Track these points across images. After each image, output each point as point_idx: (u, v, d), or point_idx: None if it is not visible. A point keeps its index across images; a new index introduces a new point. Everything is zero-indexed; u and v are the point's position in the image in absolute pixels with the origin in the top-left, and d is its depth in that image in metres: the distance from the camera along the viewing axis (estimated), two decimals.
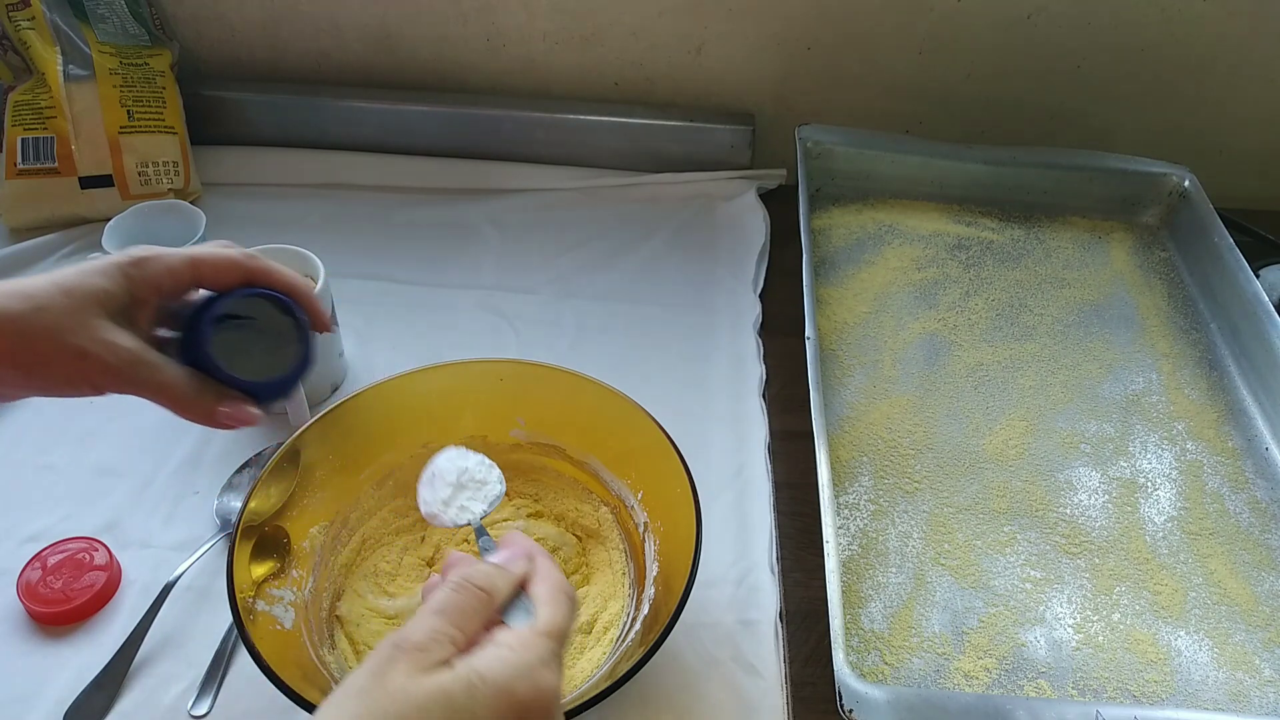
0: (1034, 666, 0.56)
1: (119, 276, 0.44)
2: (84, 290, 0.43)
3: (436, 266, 0.83)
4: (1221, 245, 0.79)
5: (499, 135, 0.93)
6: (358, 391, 0.59)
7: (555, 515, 0.62)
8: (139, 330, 0.45)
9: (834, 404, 0.70)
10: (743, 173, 0.92)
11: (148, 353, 0.44)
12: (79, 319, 0.42)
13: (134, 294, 0.44)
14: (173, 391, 0.44)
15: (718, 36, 0.89)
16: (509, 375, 0.62)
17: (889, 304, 0.79)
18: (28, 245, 0.81)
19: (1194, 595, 0.60)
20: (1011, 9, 0.85)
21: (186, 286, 0.47)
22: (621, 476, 0.60)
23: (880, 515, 0.63)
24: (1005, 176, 0.87)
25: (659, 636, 0.48)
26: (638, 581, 0.57)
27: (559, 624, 0.39)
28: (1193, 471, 0.68)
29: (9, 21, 0.81)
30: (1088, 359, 0.75)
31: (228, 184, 0.89)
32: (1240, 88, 0.89)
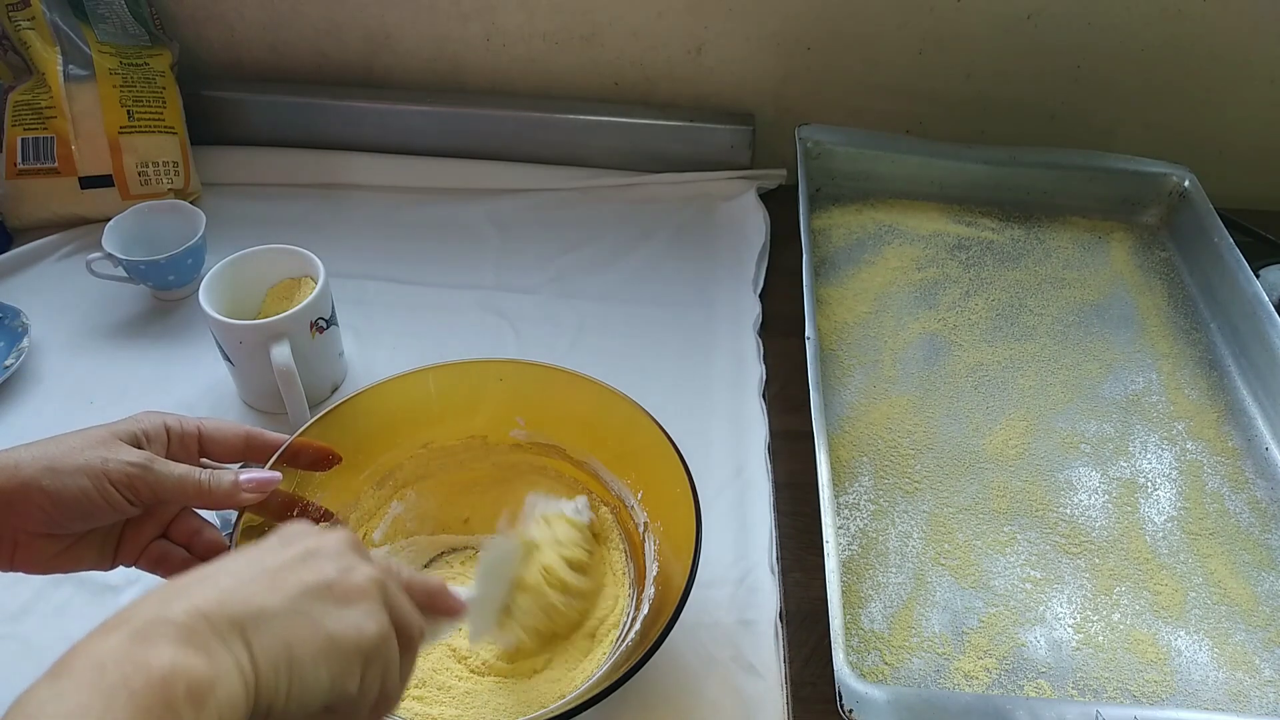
0: (1034, 666, 0.56)
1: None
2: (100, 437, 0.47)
3: (436, 266, 0.83)
4: (1221, 245, 0.79)
5: (499, 135, 0.93)
6: (358, 391, 0.59)
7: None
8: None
9: (834, 404, 0.70)
10: (743, 173, 0.92)
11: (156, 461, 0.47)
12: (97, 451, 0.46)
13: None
14: (189, 481, 0.48)
15: (718, 36, 0.89)
16: (509, 375, 0.62)
17: (889, 304, 0.79)
18: (28, 245, 0.82)
19: (1194, 595, 0.60)
20: (1011, 9, 0.85)
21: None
22: (621, 476, 0.60)
23: (880, 515, 0.63)
24: (1005, 176, 0.87)
25: (659, 636, 0.48)
26: (638, 581, 0.57)
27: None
28: (1193, 471, 0.68)
29: (9, 21, 0.81)
30: (1088, 359, 0.75)
31: (228, 184, 0.89)
32: (1240, 88, 0.89)
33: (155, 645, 0.31)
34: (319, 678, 0.35)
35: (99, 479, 0.45)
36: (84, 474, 0.45)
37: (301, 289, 0.69)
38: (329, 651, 0.35)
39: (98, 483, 0.45)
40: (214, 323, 0.64)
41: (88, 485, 0.45)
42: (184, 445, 0.50)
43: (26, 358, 0.72)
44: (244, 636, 0.33)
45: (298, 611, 0.35)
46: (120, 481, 0.45)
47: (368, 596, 0.38)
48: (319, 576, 0.37)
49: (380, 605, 0.38)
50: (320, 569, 0.37)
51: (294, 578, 0.36)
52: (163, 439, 0.49)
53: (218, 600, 0.33)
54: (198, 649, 0.31)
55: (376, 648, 0.37)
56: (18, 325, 0.73)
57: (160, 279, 0.76)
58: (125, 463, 0.46)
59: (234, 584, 0.35)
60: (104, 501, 0.45)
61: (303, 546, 0.38)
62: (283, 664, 0.34)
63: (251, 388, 0.69)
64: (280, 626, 0.34)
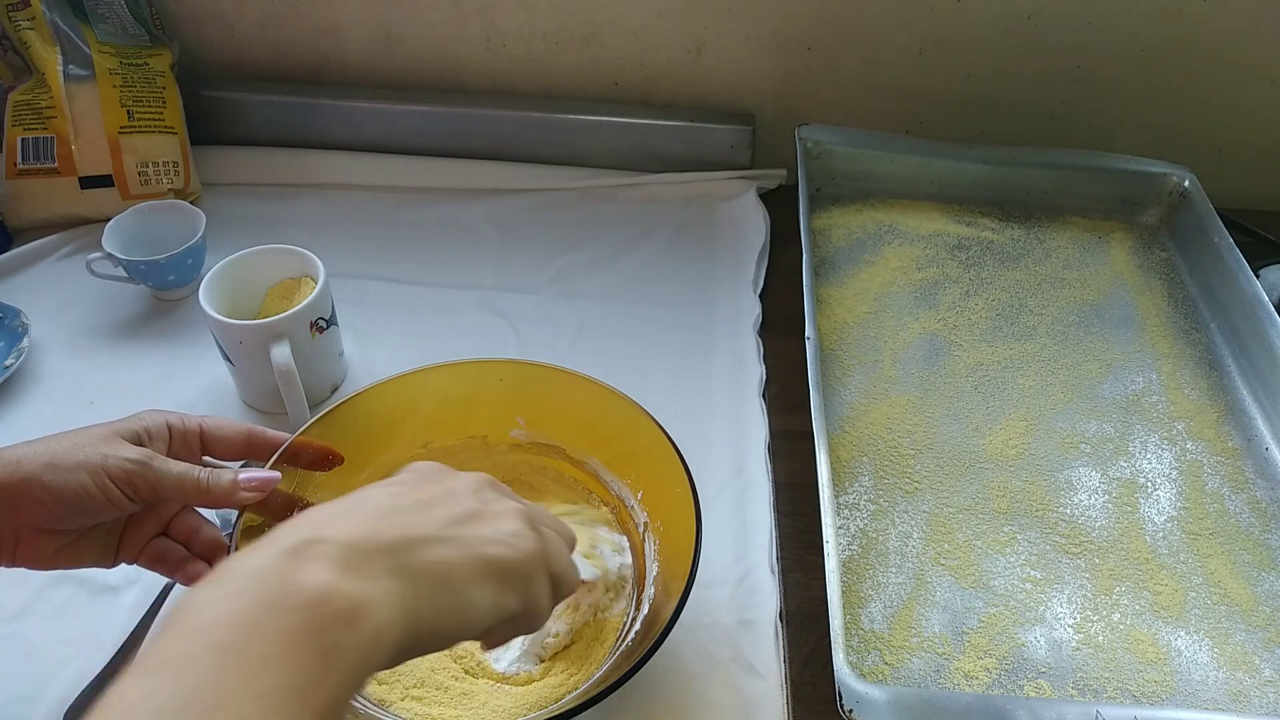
0: (1034, 666, 0.56)
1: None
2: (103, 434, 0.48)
3: (436, 266, 0.83)
4: (1221, 245, 0.79)
5: (499, 135, 0.93)
6: (358, 391, 0.59)
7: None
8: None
9: (834, 404, 0.70)
10: (743, 173, 0.92)
11: (155, 458, 0.48)
12: (97, 448, 0.46)
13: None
14: (188, 479, 0.48)
15: (718, 36, 0.89)
16: (509, 375, 0.62)
17: (889, 304, 0.78)
18: (28, 245, 0.82)
19: (1194, 595, 0.60)
20: (1011, 9, 0.85)
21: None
22: (621, 477, 0.60)
23: (880, 515, 0.63)
24: (1005, 176, 0.87)
25: (659, 636, 0.48)
26: (638, 582, 0.57)
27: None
28: (1193, 471, 0.68)
29: (9, 21, 0.81)
30: (1088, 359, 0.75)
31: (228, 184, 0.89)
32: (1240, 88, 0.89)
33: (310, 565, 0.31)
34: (479, 600, 0.36)
35: (99, 475, 0.45)
36: (84, 470, 0.45)
37: (301, 289, 0.69)
38: (486, 572, 0.36)
39: (97, 479, 0.45)
40: (214, 323, 0.64)
41: (87, 481, 0.45)
42: (186, 443, 0.51)
43: (26, 358, 0.72)
44: (401, 562, 0.33)
45: (451, 538, 0.36)
46: (119, 478, 0.46)
47: (515, 518, 0.39)
48: (463, 508, 0.38)
49: (528, 526, 0.40)
50: (462, 502, 0.39)
51: (439, 511, 0.37)
52: (165, 437, 0.50)
53: (370, 529, 0.34)
54: (354, 573, 0.31)
55: (533, 562, 0.39)
56: (18, 325, 0.73)
57: (160, 279, 0.76)
58: (125, 459, 0.46)
59: (381, 513, 0.35)
60: (104, 497, 0.45)
61: (441, 486, 0.39)
62: (442, 589, 0.34)
63: (251, 388, 0.69)
64: (435, 552, 0.35)
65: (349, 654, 0.30)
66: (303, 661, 0.29)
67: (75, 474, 0.45)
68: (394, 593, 0.32)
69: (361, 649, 0.30)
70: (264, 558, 0.31)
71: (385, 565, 0.33)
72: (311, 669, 0.29)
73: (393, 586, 0.32)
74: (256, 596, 0.30)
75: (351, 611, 0.30)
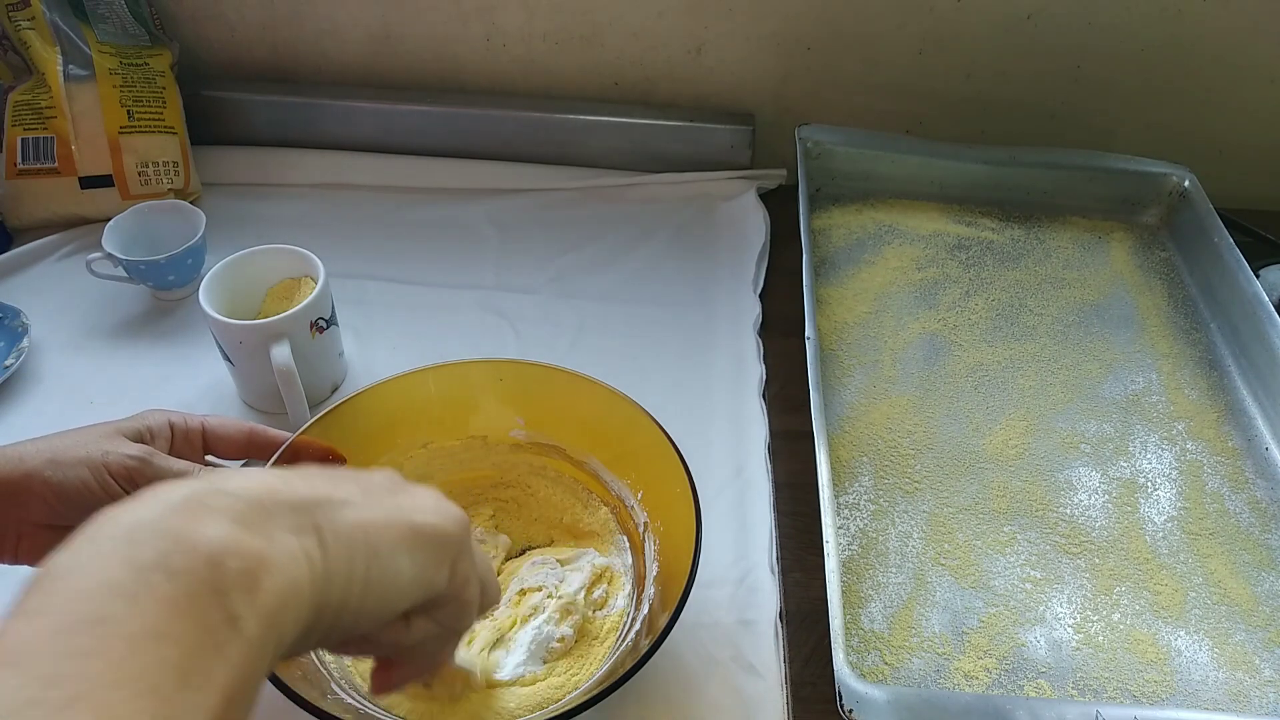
0: (1034, 666, 0.56)
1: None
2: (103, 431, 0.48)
3: (436, 266, 0.83)
4: (1221, 245, 0.79)
5: (499, 135, 0.93)
6: (358, 392, 0.59)
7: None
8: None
9: (834, 404, 0.70)
10: (743, 173, 0.92)
11: (156, 455, 0.48)
12: (99, 445, 0.46)
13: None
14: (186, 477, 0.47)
15: (718, 36, 0.89)
16: (509, 375, 0.62)
17: (889, 304, 0.78)
18: (28, 245, 0.82)
19: (1194, 595, 0.60)
20: (1011, 9, 0.85)
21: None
22: (621, 477, 0.60)
23: (880, 515, 0.63)
24: (1005, 176, 0.87)
25: (659, 636, 0.48)
26: (638, 582, 0.57)
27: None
28: (1193, 471, 0.68)
29: (9, 21, 0.81)
30: (1088, 359, 0.75)
31: (228, 184, 0.89)
32: (1240, 88, 0.89)
33: (204, 518, 0.26)
34: (400, 568, 0.31)
35: (99, 470, 0.46)
36: (85, 465, 0.45)
37: (301, 289, 0.69)
38: (411, 539, 0.32)
39: (98, 474, 0.45)
40: (214, 323, 0.64)
41: (88, 476, 0.45)
42: (188, 441, 0.51)
43: (26, 358, 0.72)
44: (313, 521, 0.29)
45: (370, 502, 0.32)
46: (120, 474, 0.46)
47: (437, 494, 0.36)
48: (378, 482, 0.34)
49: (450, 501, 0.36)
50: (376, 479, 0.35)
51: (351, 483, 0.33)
52: (166, 435, 0.50)
53: (275, 485, 0.29)
54: (255, 528, 0.27)
55: (461, 538, 0.35)
56: (18, 325, 0.73)
57: (160, 279, 0.76)
58: (125, 455, 0.46)
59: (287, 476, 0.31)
60: (104, 493, 0.46)
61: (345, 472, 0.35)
62: (359, 551, 0.30)
63: (251, 388, 0.69)
64: (353, 513, 0.31)
65: (249, 624, 0.25)
66: (192, 635, 0.24)
67: (76, 469, 0.45)
68: (302, 554, 0.28)
69: (264, 619, 0.26)
70: (146, 512, 0.26)
71: (293, 522, 0.28)
72: (202, 642, 0.24)
73: (301, 547, 0.28)
74: (135, 558, 0.25)
75: (252, 573, 0.26)
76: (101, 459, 0.46)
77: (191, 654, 0.24)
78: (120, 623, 0.23)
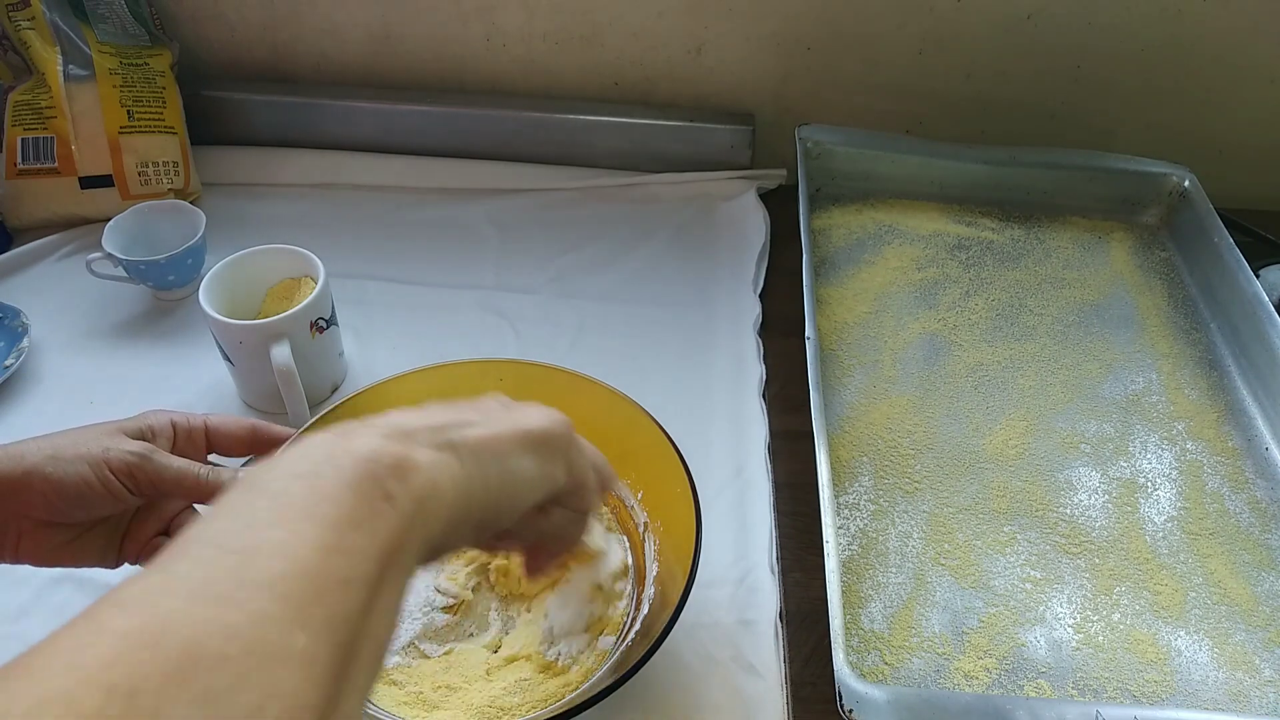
0: (1034, 666, 0.56)
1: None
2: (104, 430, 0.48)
3: (436, 266, 0.83)
4: (1221, 245, 0.79)
5: (499, 135, 0.93)
6: (358, 391, 0.59)
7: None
8: None
9: (834, 404, 0.70)
10: (743, 173, 0.92)
11: (157, 452, 0.48)
12: (99, 442, 0.47)
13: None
14: (187, 474, 0.48)
15: (718, 36, 0.89)
16: (509, 375, 0.62)
17: (889, 304, 0.78)
18: (28, 245, 0.82)
19: (1194, 595, 0.60)
20: (1011, 9, 0.85)
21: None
22: (622, 476, 0.60)
23: (880, 515, 0.63)
24: (1005, 176, 0.87)
25: (659, 636, 0.48)
26: (638, 582, 0.57)
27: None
28: (1193, 471, 0.68)
29: (9, 21, 0.81)
30: (1088, 359, 0.75)
31: (228, 184, 0.89)
32: (1240, 88, 0.89)
33: (358, 436, 0.32)
34: (525, 468, 0.38)
35: (99, 467, 0.46)
36: (85, 462, 0.45)
37: (301, 289, 0.69)
38: (527, 441, 0.38)
39: (98, 470, 0.46)
40: (214, 323, 0.64)
41: (88, 473, 0.45)
42: (191, 440, 0.51)
43: (26, 358, 0.72)
44: (444, 437, 0.35)
45: (488, 420, 0.38)
46: (120, 470, 0.46)
47: (543, 407, 0.41)
48: (491, 407, 0.40)
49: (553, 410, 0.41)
50: (490, 404, 0.40)
51: (470, 410, 0.38)
52: (168, 434, 0.50)
53: (407, 419, 0.35)
54: (400, 441, 0.33)
55: (569, 435, 0.41)
56: (18, 325, 0.73)
57: (160, 279, 0.76)
58: (126, 452, 0.46)
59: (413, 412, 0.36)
60: (104, 489, 0.46)
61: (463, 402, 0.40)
62: (487, 458, 0.36)
63: (251, 388, 0.69)
64: (476, 430, 0.36)
65: (405, 500, 0.31)
66: (359, 500, 0.30)
67: (76, 465, 0.45)
68: (441, 460, 0.34)
69: (417, 498, 0.31)
70: (314, 440, 0.32)
71: (429, 440, 0.34)
72: (369, 506, 0.30)
73: (439, 455, 0.34)
74: (310, 458, 0.31)
75: (402, 466, 0.31)
76: (102, 455, 0.46)
77: (358, 511, 0.29)
78: (303, 491, 0.29)
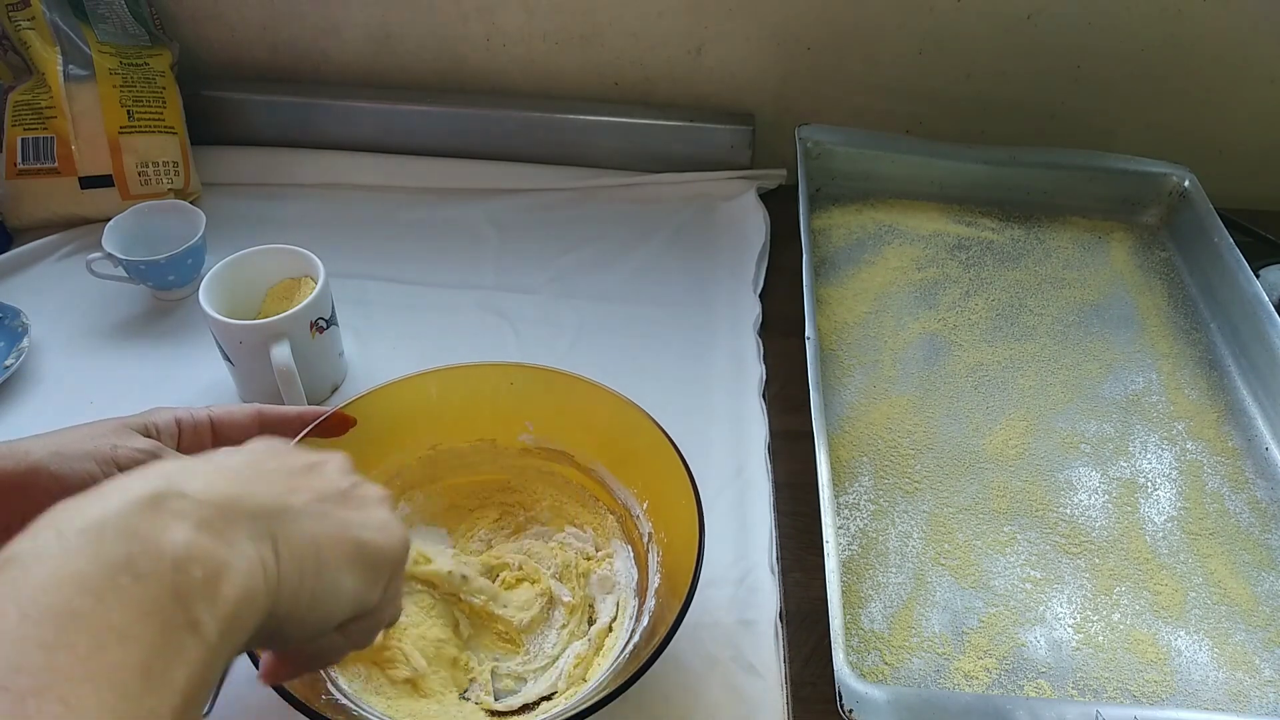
0: (1034, 666, 0.56)
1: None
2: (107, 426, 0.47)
3: (436, 266, 0.83)
4: (1221, 245, 0.79)
5: (499, 135, 0.93)
6: (368, 391, 0.59)
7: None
8: None
9: (834, 404, 0.70)
10: (743, 173, 0.92)
11: (165, 450, 0.47)
12: (107, 439, 0.46)
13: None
14: None
15: (718, 36, 0.89)
16: (519, 379, 0.61)
17: (889, 304, 0.78)
18: (28, 245, 0.82)
19: (1194, 595, 0.60)
20: (1011, 9, 0.85)
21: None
22: (628, 485, 0.60)
23: (880, 515, 0.63)
24: (1005, 176, 0.87)
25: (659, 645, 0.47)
26: (639, 593, 0.57)
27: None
28: (1193, 471, 0.68)
29: (9, 21, 0.81)
30: (1088, 359, 0.75)
31: (228, 184, 0.89)
32: (1240, 88, 0.89)
33: (168, 522, 0.27)
34: (344, 584, 0.33)
35: (107, 465, 0.45)
36: (92, 459, 0.44)
37: (301, 289, 0.69)
38: (356, 557, 0.33)
39: (106, 469, 0.45)
40: (214, 323, 0.64)
41: (95, 470, 0.44)
42: (196, 436, 0.50)
43: (26, 358, 0.72)
44: (269, 530, 0.30)
45: (323, 514, 0.33)
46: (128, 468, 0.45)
47: (384, 507, 0.37)
48: (333, 485, 0.35)
49: (396, 518, 0.37)
50: (331, 479, 0.36)
51: (307, 483, 0.34)
52: (173, 432, 0.49)
53: (234, 489, 0.30)
54: (217, 535, 0.28)
55: (400, 557, 0.36)
56: (18, 325, 0.73)
57: (160, 279, 0.76)
58: (135, 449, 0.46)
59: (244, 474, 0.32)
60: None
61: (304, 459, 0.36)
62: (309, 565, 0.31)
63: (251, 388, 0.69)
64: (307, 526, 0.32)
65: (209, 629, 0.26)
66: (156, 637, 0.24)
67: (83, 463, 0.44)
68: (260, 563, 0.29)
69: (224, 623, 0.26)
70: (110, 508, 0.27)
71: (251, 530, 0.29)
72: (167, 645, 0.25)
73: (258, 555, 0.29)
74: (102, 555, 0.25)
75: (214, 580, 0.26)
76: (110, 453, 0.45)
77: (156, 656, 0.24)
78: (87, 619, 0.24)
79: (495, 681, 0.54)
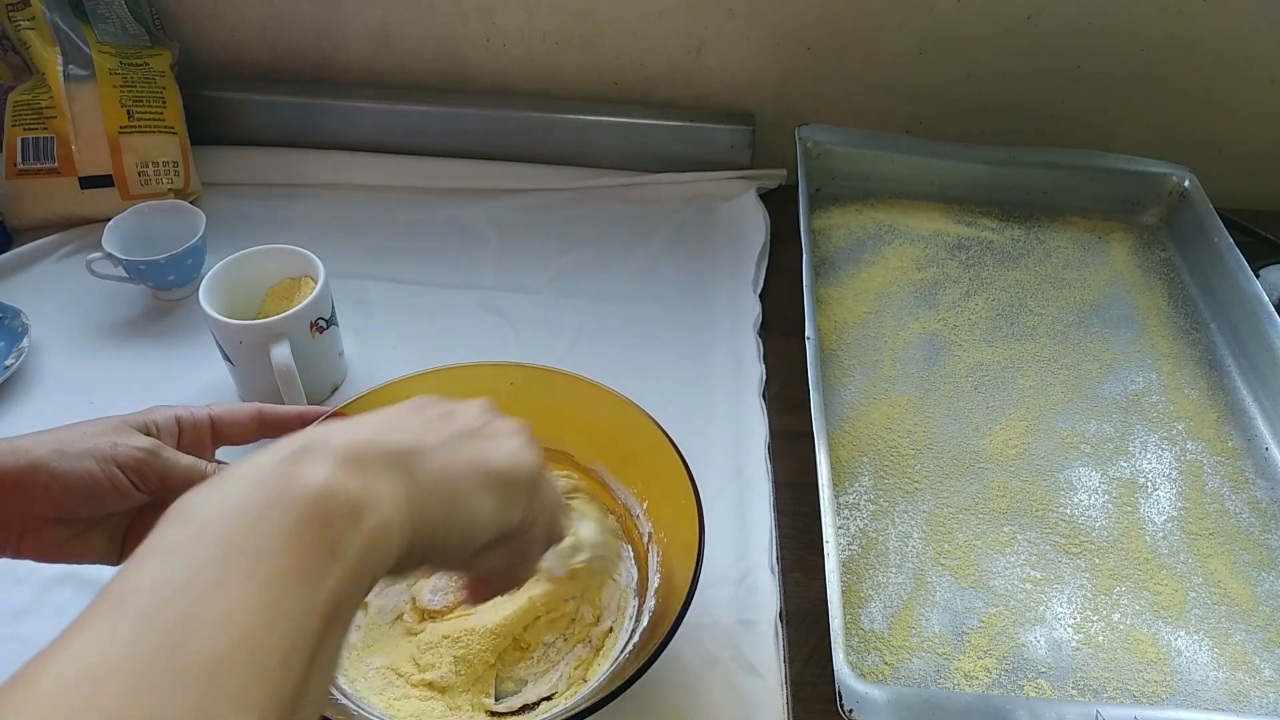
0: (1034, 666, 0.56)
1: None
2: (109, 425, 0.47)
3: (436, 266, 0.83)
4: (1221, 245, 0.79)
5: (499, 135, 0.93)
6: (368, 391, 0.59)
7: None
8: None
9: (834, 404, 0.70)
10: (743, 173, 0.92)
11: (164, 448, 0.47)
12: (107, 436, 0.47)
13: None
14: (195, 471, 0.48)
15: (718, 36, 0.89)
16: (519, 379, 0.61)
17: (889, 304, 0.79)
18: (28, 245, 0.82)
19: (1194, 595, 0.60)
20: (1011, 9, 0.85)
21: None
22: (628, 485, 0.60)
23: (880, 515, 0.63)
24: (1005, 176, 0.87)
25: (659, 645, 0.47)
26: (639, 593, 0.57)
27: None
28: (1193, 471, 0.68)
29: (9, 21, 0.81)
30: (1088, 359, 0.75)
31: (228, 184, 0.89)
32: (1240, 88, 0.89)
33: (310, 465, 0.31)
34: (482, 507, 0.36)
35: (107, 463, 0.45)
36: (91, 457, 0.45)
37: (301, 289, 0.69)
38: (487, 483, 0.37)
39: (105, 466, 0.45)
40: (214, 323, 0.64)
41: (94, 468, 0.45)
42: (197, 435, 0.51)
43: (26, 358, 0.72)
44: (403, 466, 0.33)
45: (455, 449, 0.36)
46: (128, 465, 0.45)
47: (518, 435, 0.40)
48: (466, 425, 0.38)
49: (531, 442, 0.40)
50: (465, 420, 0.39)
51: (441, 426, 0.37)
52: (174, 431, 0.50)
53: (371, 436, 0.33)
54: (355, 472, 0.31)
55: (535, 477, 0.39)
56: (18, 325, 0.73)
57: (160, 279, 0.76)
58: (134, 447, 0.46)
59: (383, 425, 0.35)
60: (110, 485, 0.45)
61: (441, 408, 0.39)
62: (444, 495, 0.35)
63: (251, 388, 0.69)
64: (440, 459, 0.35)
65: (353, 548, 0.30)
66: (306, 552, 0.28)
67: (83, 460, 0.44)
68: (397, 493, 0.32)
69: (366, 545, 0.30)
70: (263, 462, 0.31)
71: (387, 468, 0.33)
72: (315, 559, 0.29)
73: (395, 488, 0.32)
74: (256, 495, 0.29)
75: (354, 507, 0.30)
76: (110, 451, 0.45)
77: (307, 566, 0.28)
78: (247, 540, 0.28)
79: (496, 682, 0.54)
